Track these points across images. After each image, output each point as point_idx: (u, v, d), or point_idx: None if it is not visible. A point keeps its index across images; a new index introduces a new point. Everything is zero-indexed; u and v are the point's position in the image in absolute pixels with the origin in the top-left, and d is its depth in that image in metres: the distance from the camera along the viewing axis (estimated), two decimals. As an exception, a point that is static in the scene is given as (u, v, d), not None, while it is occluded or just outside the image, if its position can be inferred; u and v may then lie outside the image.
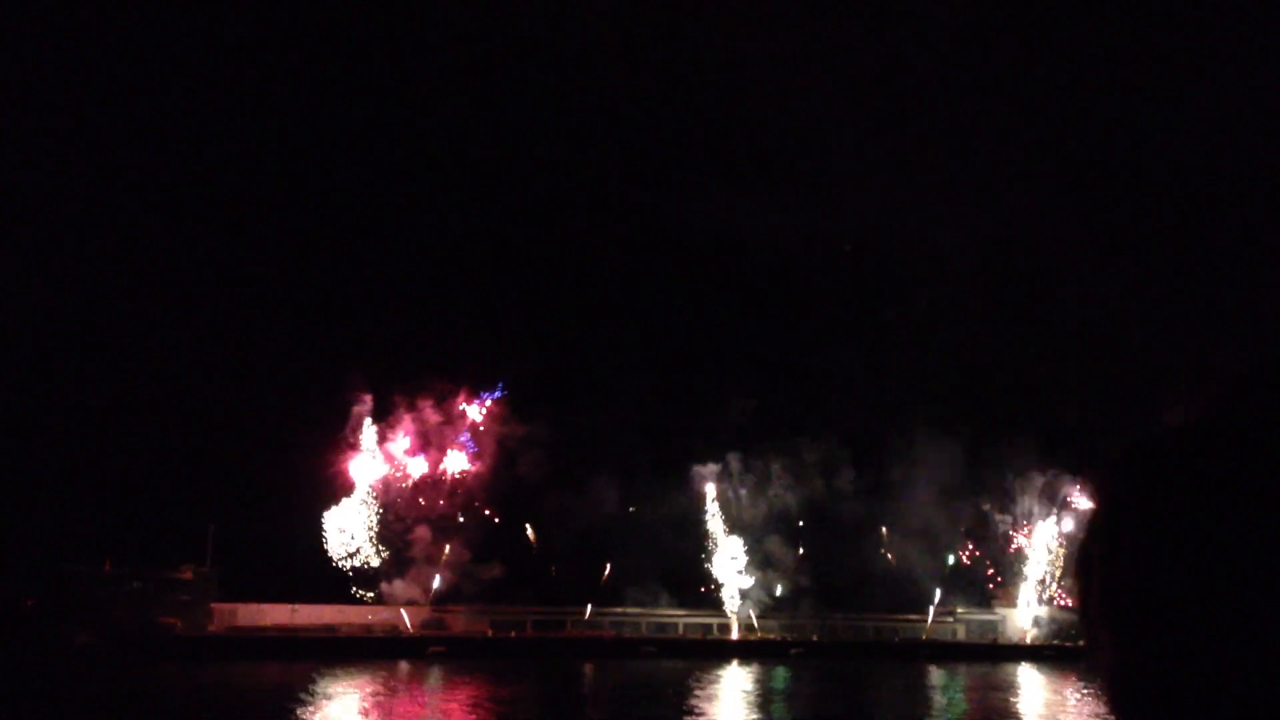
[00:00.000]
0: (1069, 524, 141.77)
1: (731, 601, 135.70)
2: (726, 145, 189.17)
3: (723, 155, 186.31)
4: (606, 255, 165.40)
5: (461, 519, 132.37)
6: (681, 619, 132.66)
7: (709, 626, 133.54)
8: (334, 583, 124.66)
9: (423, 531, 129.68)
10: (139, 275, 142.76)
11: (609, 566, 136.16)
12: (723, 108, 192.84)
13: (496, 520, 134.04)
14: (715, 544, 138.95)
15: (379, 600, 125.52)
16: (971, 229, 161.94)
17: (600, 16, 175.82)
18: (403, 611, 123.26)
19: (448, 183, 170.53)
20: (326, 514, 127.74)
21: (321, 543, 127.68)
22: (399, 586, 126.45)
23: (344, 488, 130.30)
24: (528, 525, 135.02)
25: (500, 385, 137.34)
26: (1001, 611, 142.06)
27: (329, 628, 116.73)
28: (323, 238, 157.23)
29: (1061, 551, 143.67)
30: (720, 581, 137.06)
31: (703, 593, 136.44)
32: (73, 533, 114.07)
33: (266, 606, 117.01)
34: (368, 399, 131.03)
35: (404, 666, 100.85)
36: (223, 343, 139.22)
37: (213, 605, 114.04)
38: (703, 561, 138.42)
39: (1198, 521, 1.15)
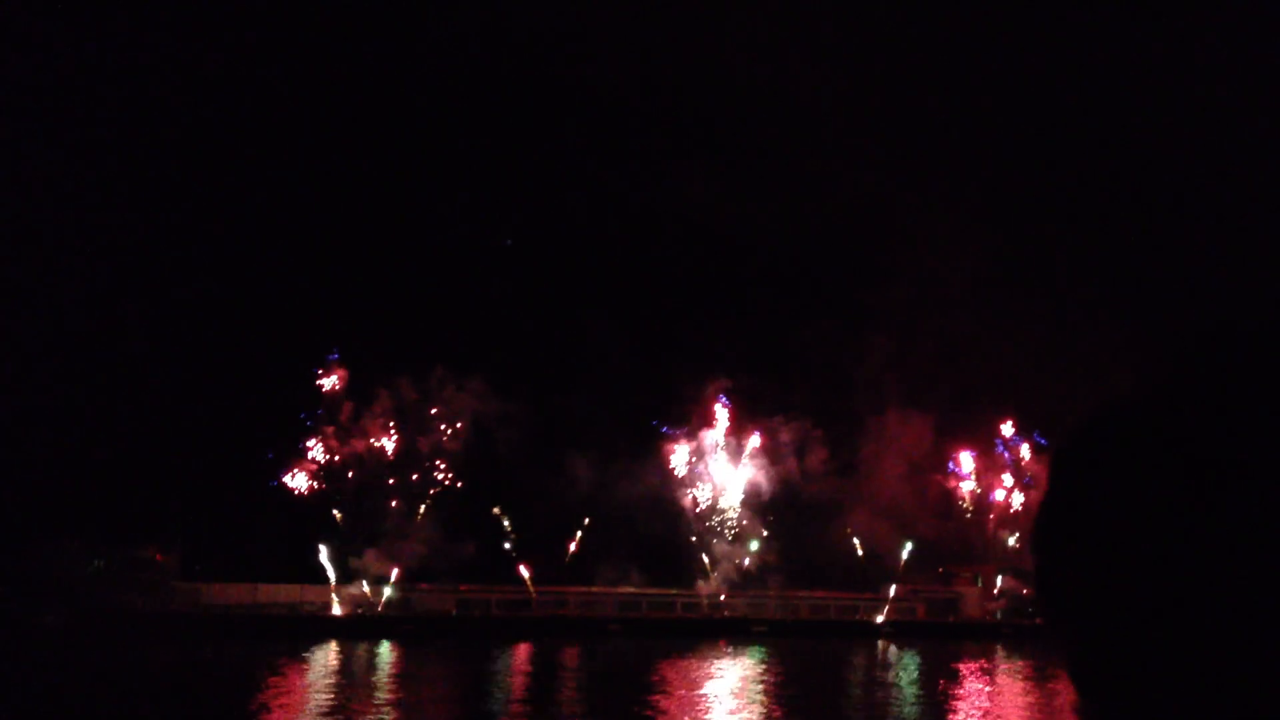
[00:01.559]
0: (1032, 498, 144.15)
1: (703, 580, 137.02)
2: (704, 128, 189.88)
3: (700, 138, 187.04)
4: (584, 235, 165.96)
5: (434, 495, 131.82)
6: (646, 597, 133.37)
7: (673, 604, 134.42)
8: (299, 560, 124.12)
9: (395, 507, 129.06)
10: (105, 255, 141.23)
11: (576, 544, 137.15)
12: (699, 90, 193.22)
13: (470, 498, 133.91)
14: (688, 522, 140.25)
15: (347, 577, 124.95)
16: (947, 210, 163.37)
17: (583, 4, 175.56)
18: (367, 590, 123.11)
19: (428, 165, 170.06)
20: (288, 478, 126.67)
21: (286, 517, 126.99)
22: (368, 564, 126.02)
23: (314, 461, 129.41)
24: (496, 509, 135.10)
25: None
26: (961, 589, 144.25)
27: (292, 606, 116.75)
28: (292, 219, 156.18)
29: (1021, 525, 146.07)
30: (694, 559, 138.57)
31: (673, 570, 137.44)
32: (35, 511, 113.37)
33: (230, 585, 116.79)
34: (341, 374, 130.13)
35: (363, 645, 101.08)
36: (188, 318, 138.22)
37: (176, 584, 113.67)
38: (673, 539, 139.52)
39: (1158, 496, 1.11)
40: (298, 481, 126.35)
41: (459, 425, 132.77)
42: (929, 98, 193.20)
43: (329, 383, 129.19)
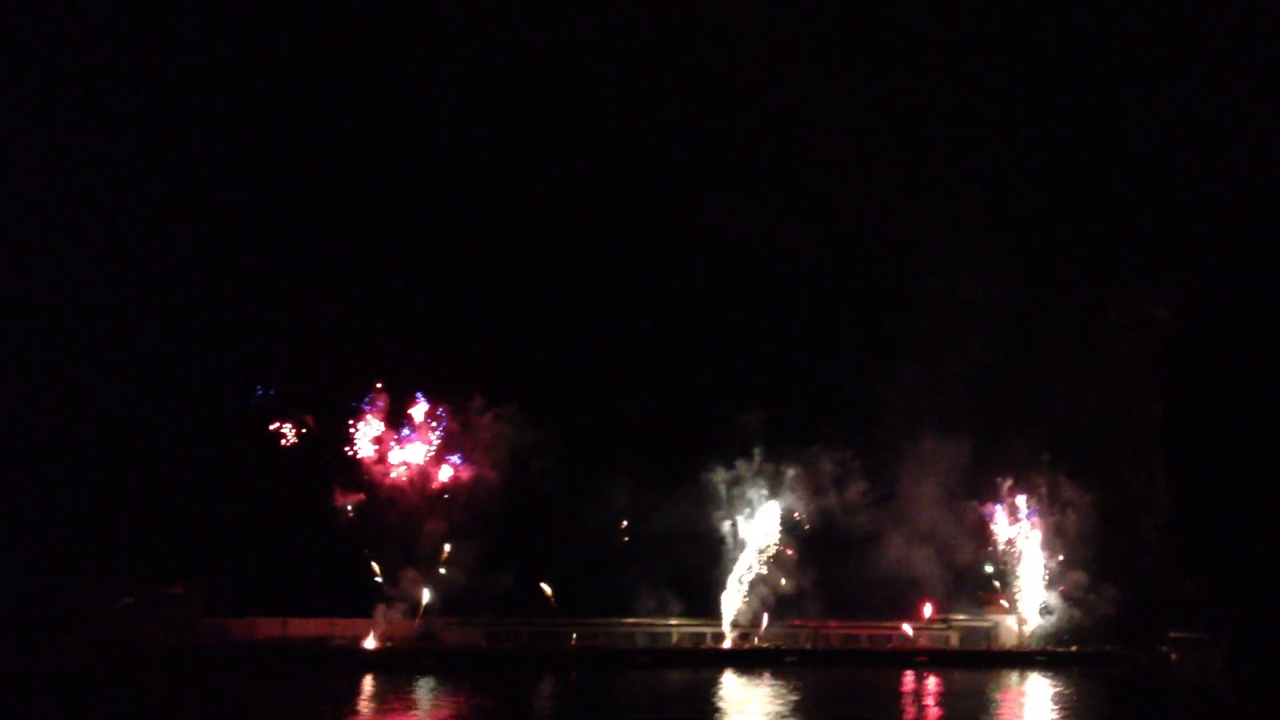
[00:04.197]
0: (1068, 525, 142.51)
1: (731, 610, 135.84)
2: (737, 155, 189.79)
3: (734, 165, 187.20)
4: (620, 263, 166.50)
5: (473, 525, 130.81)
6: (675, 628, 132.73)
7: (703, 636, 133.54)
8: (328, 593, 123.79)
9: (433, 538, 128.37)
10: (133, 281, 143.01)
11: (610, 575, 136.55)
12: (732, 117, 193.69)
13: (508, 527, 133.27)
14: (724, 553, 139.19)
15: (383, 601, 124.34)
16: (979, 233, 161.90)
17: (612, 29, 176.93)
18: (391, 619, 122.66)
19: (459, 192, 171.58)
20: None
21: (321, 550, 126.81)
22: (406, 593, 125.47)
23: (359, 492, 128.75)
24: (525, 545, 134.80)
25: None
26: (995, 618, 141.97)
27: (320, 640, 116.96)
28: (324, 247, 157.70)
29: (1058, 553, 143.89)
30: (725, 589, 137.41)
31: (709, 601, 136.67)
32: (60, 548, 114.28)
33: (258, 620, 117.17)
34: (381, 402, 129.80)
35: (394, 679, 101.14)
36: (218, 354, 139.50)
37: (204, 619, 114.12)
38: (711, 570, 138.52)
39: None
40: (332, 513, 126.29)
41: (497, 454, 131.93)
42: (954, 122, 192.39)
43: (373, 406, 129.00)
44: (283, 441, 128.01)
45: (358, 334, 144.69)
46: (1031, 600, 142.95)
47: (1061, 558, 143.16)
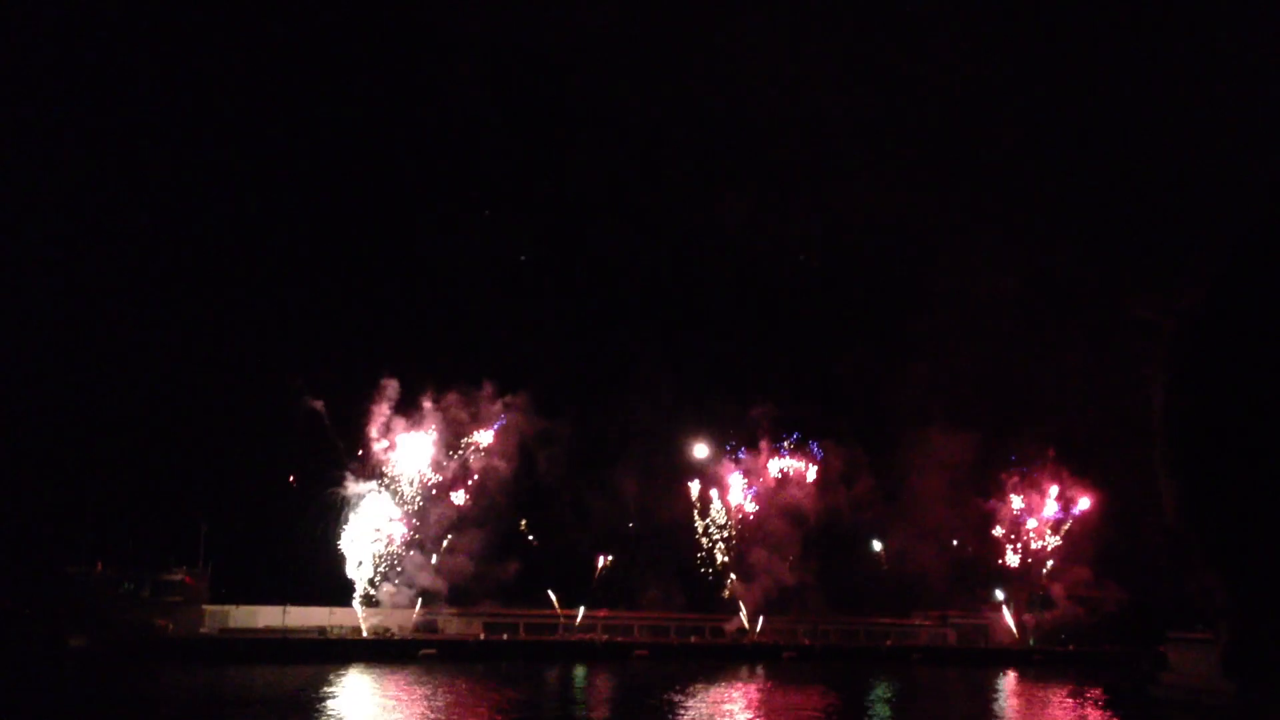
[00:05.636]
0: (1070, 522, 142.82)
1: (731, 604, 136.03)
2: (747, 157, 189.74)
3: (745, 160, 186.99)
4: (632, 256, 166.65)
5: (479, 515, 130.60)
6: (674, 622, 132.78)
7: (701, 629, 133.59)
8: (334, 581, 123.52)
9: (439, 526, 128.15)
10: (135, 268, 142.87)
11: (613, 566, 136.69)
12: (743, 114, 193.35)
13: (516, 518, 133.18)
14: (719, 546, 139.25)
15: (376, 601, 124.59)
16: (988, 232, 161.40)
17: (624, 30, 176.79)
18: (391, 608, 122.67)
19: (475, 185, 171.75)
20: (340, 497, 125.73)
21: (325, 541, 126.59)
22: (409, 584, 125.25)
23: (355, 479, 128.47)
24: (528, 534, 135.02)
25: None
26: (993, 615, 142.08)
27: (320, 630, 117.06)
28: (336, 236, 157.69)
29: (1061, 551, 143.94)
30: (719, 583, 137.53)
31: (711, 595, 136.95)
32: (63, 535, 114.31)
33: (259, 608, 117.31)
34: (391, 389, 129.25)
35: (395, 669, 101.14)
36: (222, 336, 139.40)
37: (205, 607, 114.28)
38: (709, 564, 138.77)
39: None
40: (339, 500, 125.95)
41: (505, 443, 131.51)
42: (964, 120, 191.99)
43: (381, 396, 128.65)
44: (291, 429, 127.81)
45: (369, 322, 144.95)
46: (1031, 599, 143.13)
47: (1064, 556, 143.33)
